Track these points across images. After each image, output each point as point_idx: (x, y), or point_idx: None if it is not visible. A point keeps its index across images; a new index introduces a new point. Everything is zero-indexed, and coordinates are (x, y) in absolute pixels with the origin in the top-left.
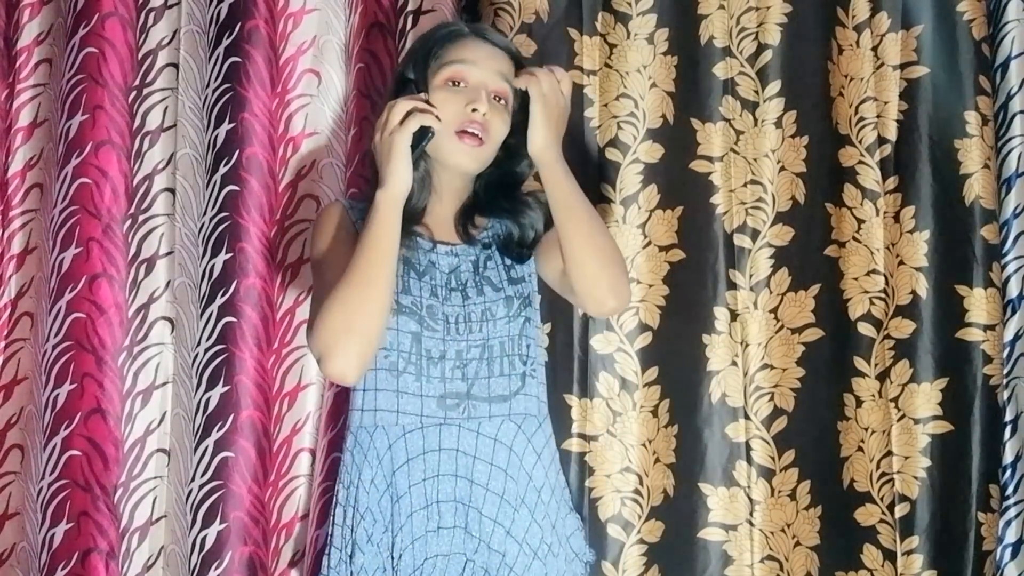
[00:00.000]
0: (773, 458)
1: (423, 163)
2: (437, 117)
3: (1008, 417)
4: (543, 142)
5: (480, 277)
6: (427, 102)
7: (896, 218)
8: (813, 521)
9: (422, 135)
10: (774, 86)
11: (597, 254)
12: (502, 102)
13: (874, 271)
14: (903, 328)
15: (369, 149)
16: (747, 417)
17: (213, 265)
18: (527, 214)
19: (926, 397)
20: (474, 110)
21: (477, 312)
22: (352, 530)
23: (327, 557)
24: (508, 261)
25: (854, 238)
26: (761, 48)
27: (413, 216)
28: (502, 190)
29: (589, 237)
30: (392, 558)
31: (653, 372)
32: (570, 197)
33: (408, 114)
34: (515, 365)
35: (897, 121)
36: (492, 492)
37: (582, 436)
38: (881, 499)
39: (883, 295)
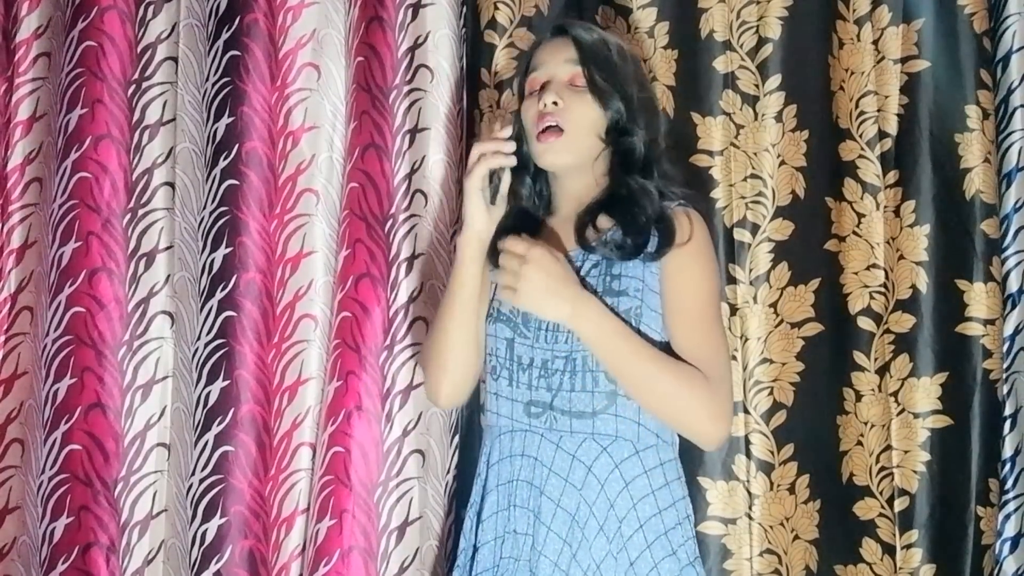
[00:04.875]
0: (772, 452)
1: (539, 183)
2: (510, 152)
3: (1007, 411)
4: (553, 315)
5: None
6: (515, 137)
7: (896, 212)
8: (812, 515)
9: (514, 172)
10: (774, 80)
11: (662, 412)
12: (580, 85)
13: (874, 265)
14: (903, 322)
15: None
16: (746, 411)
17: (213, 259)
18: (630, 209)
19: (926, 391)
20: (544, 105)
21: None
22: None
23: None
24: (615, 271)
25: (854, 232)
26: (761, 42)
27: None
28: (619, 179)
29: (645, 399)
30: (474, 547)
31: None
32: (614, 361)
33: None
34: (599, 382)
35: (897, 115)
36: (563, 509)
37: None
38: (880, 493)
39: (883, 289)
